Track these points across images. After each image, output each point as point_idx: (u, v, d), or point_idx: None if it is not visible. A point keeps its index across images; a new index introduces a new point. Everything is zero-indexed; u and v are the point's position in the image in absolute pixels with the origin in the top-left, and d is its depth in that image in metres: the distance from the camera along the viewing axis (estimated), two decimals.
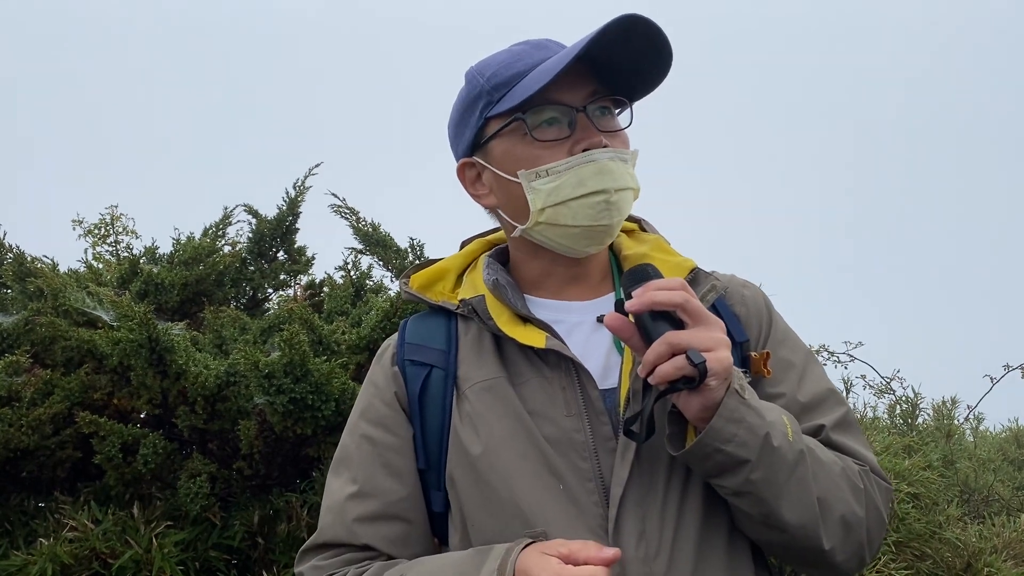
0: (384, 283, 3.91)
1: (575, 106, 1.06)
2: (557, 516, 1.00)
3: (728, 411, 0.92)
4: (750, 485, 0.94)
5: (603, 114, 1.10)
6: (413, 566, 1.03)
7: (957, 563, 3.19)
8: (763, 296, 1.22)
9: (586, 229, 1.07)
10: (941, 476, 3.80)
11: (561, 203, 1.06)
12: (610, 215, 1.07)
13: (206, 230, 3.75)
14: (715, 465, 0.95)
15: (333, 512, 1.11)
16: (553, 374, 1.08)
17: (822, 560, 1.01)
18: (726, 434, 0.92)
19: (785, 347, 1.15)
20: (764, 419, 0.94)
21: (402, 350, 1.16)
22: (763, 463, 0.94)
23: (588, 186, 1.04)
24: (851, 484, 1.03)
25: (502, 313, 1.11)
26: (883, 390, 5.48)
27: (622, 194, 1.07)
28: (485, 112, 1.10)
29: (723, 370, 0.91)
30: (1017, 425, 7.19)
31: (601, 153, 1.05)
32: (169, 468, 2.60)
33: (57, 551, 2.28)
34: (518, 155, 1.08)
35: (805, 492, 0.97)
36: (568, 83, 1.05)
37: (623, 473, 1.00)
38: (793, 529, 0.97)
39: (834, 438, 1.09)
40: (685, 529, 1.00)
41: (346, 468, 1.14)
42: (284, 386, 2.41)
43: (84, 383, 2.66)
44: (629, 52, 1.05)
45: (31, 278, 3.07)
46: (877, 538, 1.05)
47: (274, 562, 2.52)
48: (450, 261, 1.25)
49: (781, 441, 0.95)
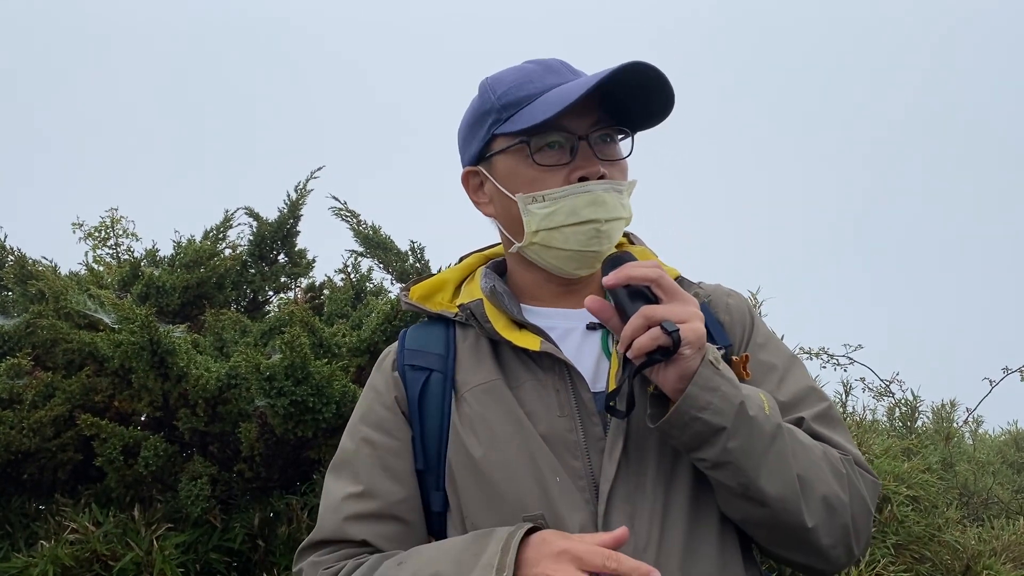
0: (384, 286, 3.92)
1: (578, 133, 1.11)
2: (556, 511, 1.03)
3: (703, 379, 0.97)
4: (728, 454, 0.98)
5: (604, 141, 1.14)
6: (412, 554, 1.05)
7: (956, 566, 3.19)
8: (747, 304, 1.26)
9: (576, 253, 1.13)
10: (940, 479, 3.81)
11: (555, 228, 1.11)
12: (600, 243, 1.12)
13: (207, 233, 3.75)
14: (693, 436, 0.98)
15: (332, 511, 1.14)
16: (547, 377, 1.12)
17: (808, 542, 1.02)
18: (702, 401, 0.96)
19: (766, 351, 1.19)
20: (738, 389, 0.99)
21: (402, 356, 1.21)
22: (740, 432, 0.97)
23: (581, 215, 1.10)
24: (833, 468, 1.05)
25: (499, 319, 1.16)
26: (882, 393, 5.49)
27: (613, 224, 1.12)
28: (493, 128, 1.15)
29: (696, 339, 0.96)
30: (1016, 428, 7.20)
31: (596, 185, 1.10)
32: (170, 470, 2.61)
33: (58, 553, 2.28)
34: (519, 175, 1.13)
35: (784, 465, 1.00)
36: (578, 112, 1.09)
37: (610, 470, 1.04)
38: (773, 502, 0.99)
39: (816, 428, 1.12)
40: (673, 524, 1.03)
41: (346, 469, 1.16)
42: (285, 388, 2.41)
43: (85, 385, 2.67)
44: (634, 91, 1.09)
45: (32, 281, 3.07)
46: (864, 528, 1.06)
47: (275, 564, 2.52)
48: (448, 273, 1.30)
49: (757, 412, 0.99)
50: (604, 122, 1.13)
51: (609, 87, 1.06)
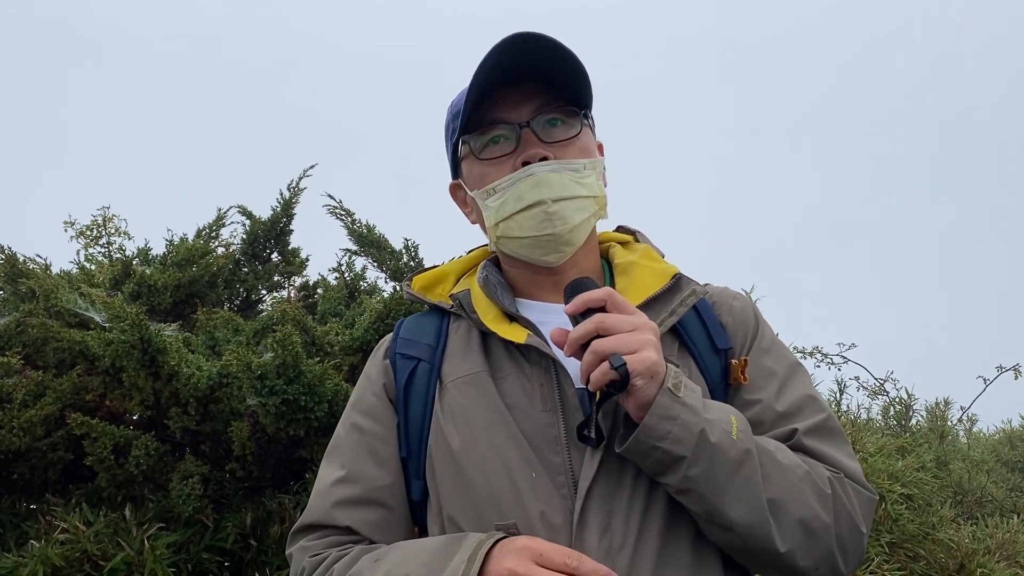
0: (378, 284, 3.91)
1: (519, 122, 1.12)
2: (528, 507, 1.03)
3: (661, 409, 0.96)
4: (689, 482, 0.97)
5: (553, 125, 1.15)
6: (390, 551, 1.05)
7: (950, 564, 3.19)
8: (752, 308, 1.24)
9: (533, 239, 1.14)
10: (934, 477, 3.82)
11: (508, 217, 1.13)
12: (552, 225, 1.12)
13: (199, 231, 3.74)
14: (655, 463, 0.98)
15: (320, 495, 1.16)
16: (533, 371, 1.11)
17: (784, 565, 1.01)
18: (660, 431, 0.95)
19: (769, 357, 1.17)
20: (700, 416, 0.97)
21: (395, 344, 1.23)
22: (701, 459, 0.96)
23: (527, 199, 1.11)
24: (816, 489, 1.02)
25: (489, 310, 1.17)
26: (877, 391, 5.50)
27: (563, 204, 1.11)
28: (451, 139, 1.21)
29: (646, 369, 0.95)
30: (1011, 426, 7.22)
31: (538, 167, 1.10)
32: (161, 470, 2.59)
33: (48, 553, 2.27)
34: (475, 175, 1.17)
35: (752, 491, 0.98)
36: (514, 100, 1.12)
37: (591, 468, 1.03)
38: (739, 528, 0.98)
39: (806, 443, 1.09)
40: (650, 526, 1.02)
41: (335, 455, 1.19)
42: (277, 387, 2.40)
43: (76, 384, 2.65)
44: (537, 64, 1.10)
45: (23, 279, 3.06)
46: (853, 548, 1.04)
47: (267, 564, 2.51)
48: (451, 265, 1.32)
49: (720, 438, 0.97)
50: (548, 106, 1.13)
51: (518, 68, 1.09)
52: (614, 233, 1.33)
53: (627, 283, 1.17)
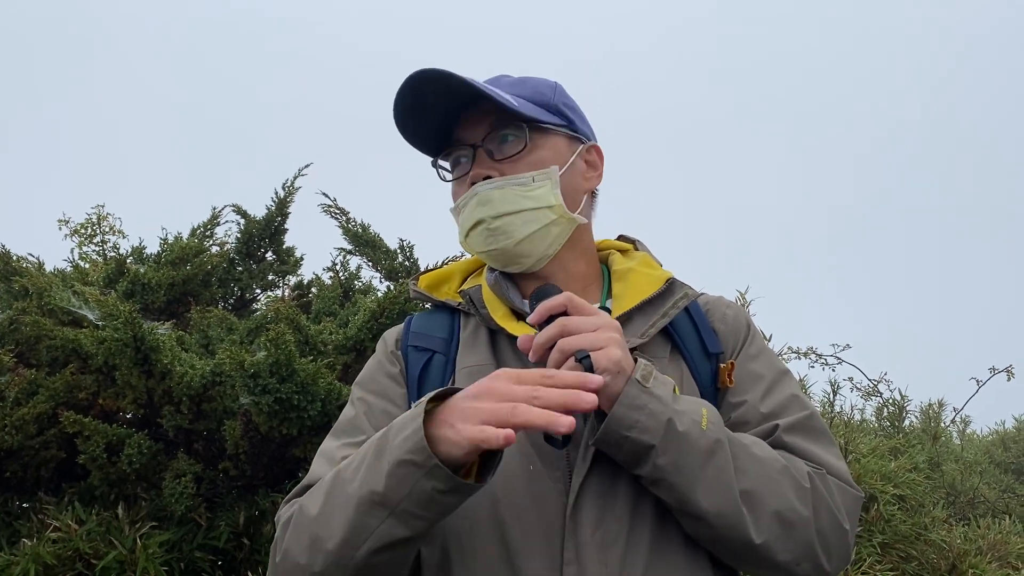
0: (373, 284, 3.91)
1: (473, 143, 1.18)
2: (523, 498, 1.04)
3: (629, 399, 0.97)
4: (659, 471, 0.98)
5: (506, 141, 1.18)
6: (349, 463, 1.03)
7: (942, 564, 3.20)
8: (746, 317, 1.27)
9: (486, 254, 1.20)
10: (927, 478, 3.83)
11: (466, 235, 1.20)
12: (496, 240, 1.16)
13: (194, 230, 3.73)
14: (627, 454, 0.99)
15: (323, 456, 1.16)
16: (536, 367, 1.11)
17: (761, 559, 1.01)
18: (628, 421, 0.97)
19: (757, 362, 1.19)
20: (668, 406, 0.99)
21: (407, 337, 1.25)
22: (669, 448, 0.97)
23: (472, 218, 1.17)
24: (793, 482, 1.03)
25: (499, 308, 1.19)
26: (870, 392, 5.51)
27: (506, 219, 1.15)
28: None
29: (611, 364, 0.97)
30: (1004, 428, 7.26)
31: (481, 186, 1.16)
32: (154, 468, 2.59)
33: (40, 551, 2.26)
34: (452, 192, 1.24)
35: (723, 481, 0.99)
36: (473, 121, 1.18)
37: (585, 463, 1.04)
38: (711, 518, 0.99)
39: (786, 439, 1.10)
40: (641, 521, 1.03)
41: (340, 428, 1.19)
42: (270, 386, 2.40)
43: (69, 383, 2.65)
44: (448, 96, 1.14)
45: (16, 277, 3.05)
46: (837, 544, 1.04)
47: (260, 563, 2.50)
48: (457, 265, 1.34)
49: (689, 427, 0.98)
50: (500, 123, 1.17)
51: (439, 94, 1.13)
52: (615, 241, 1.37)
53: (623, 288, 1.20)
